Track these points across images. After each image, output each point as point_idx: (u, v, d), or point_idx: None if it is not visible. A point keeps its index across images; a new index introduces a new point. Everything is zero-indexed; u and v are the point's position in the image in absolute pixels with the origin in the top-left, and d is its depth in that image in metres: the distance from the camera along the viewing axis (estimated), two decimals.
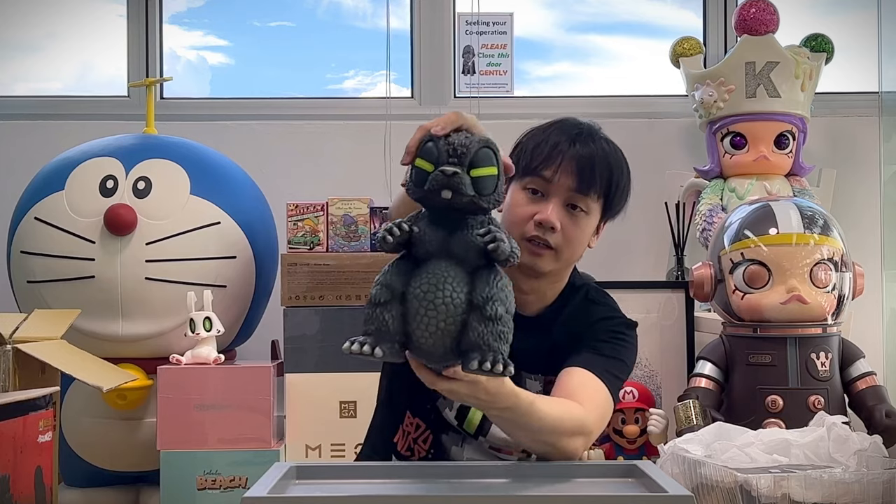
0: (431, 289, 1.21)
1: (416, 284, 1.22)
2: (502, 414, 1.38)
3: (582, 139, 1.62)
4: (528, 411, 1.38)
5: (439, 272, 1.22)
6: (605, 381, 1.58)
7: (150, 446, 2.61)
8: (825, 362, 2.44)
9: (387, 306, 1.22)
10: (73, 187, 2.73)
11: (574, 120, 1.67)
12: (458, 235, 1.23)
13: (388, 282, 1.23)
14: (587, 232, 1.66)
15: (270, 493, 1.22)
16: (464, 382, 1.27)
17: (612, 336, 1.65)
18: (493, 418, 1.42)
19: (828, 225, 2.53)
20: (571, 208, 1.62)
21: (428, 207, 1.27)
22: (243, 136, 3.43)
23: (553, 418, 1.42)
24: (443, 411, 1.66)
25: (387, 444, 1.71)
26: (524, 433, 1.43)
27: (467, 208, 1.24)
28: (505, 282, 1.24)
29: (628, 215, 1.74)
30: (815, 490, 1.92)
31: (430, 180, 1.23)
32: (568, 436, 1.45)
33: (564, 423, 1.44)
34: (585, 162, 1.61)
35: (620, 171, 1.66)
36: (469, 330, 1.20)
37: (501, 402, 1.34)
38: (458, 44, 3.52)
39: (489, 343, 1.20)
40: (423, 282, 1.22)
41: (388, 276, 1.24)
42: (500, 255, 1.20)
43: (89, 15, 3.68)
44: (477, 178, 1.23)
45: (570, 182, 1.60)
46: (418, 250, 1.25)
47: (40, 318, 2.31)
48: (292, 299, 2.73)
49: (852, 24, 3.59)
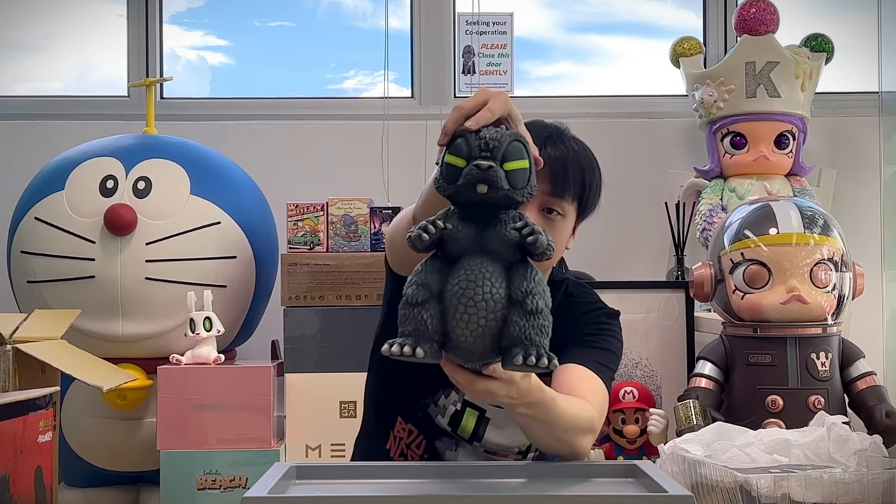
0: (471, 285, 1.19)
1: (454, 282, 1.19)
2: (528, 410, 1.36)
3: (552, 142, 1.59)
4: (551, 407, 1.38)
5: (477, 268, 1.20)
6: (599, 373, 1.57)
7: (150, 446, 2.61)
8: (825, 362, 2.44)
9: (425, 305, 1.19)
10: (73, 187, 2.73)
11: (541, 122, 1.63)
12: (492, 230, 1.22)
13: (424, 281, 1.20)
14: (565, 235, 1.63)
15: (270, 493, 1.22)
16: (502, 382, 1.26)
17: (597, 328, 1.64)
18: (517, 416, 1.41)
19: (828, 225, 2.53)
20: (547, 212, 1.60)
21: (459, 203, 1.25)
22: (243, 136, 3.43)
23: (571, 415, 1.42)
24: (435, 418, 1.66)
25: (377, 452, 1.70)
26: (543, 429, 1.42)
27: (501, 202, 1.23)
28: (540, 276, 1.23)
29: (628, 215, 1.73)
30: (815, 490, 1.92)
31: (465, 175, 1.21)
32: (581, 433, 1.45)
33: (580, 421, 1.44)
34: (558, 165, 1.58)
35: (592, 171, 1.64)
36: (510, 325, 1.19)
37: (530, 396, 1.33)
38: (458, 44, 3.52)
39: (531, 337, 1.18)
40: (462, 279, 1.20)
41: (423, 276, 1.21)
42: (538, 248, 1.19)
43: (89, 15, 3.68)
44: (509, 171, 1.22)
45: (545, 186, 1.57)
46: (451, 248, 1.22)
47: (40, 318, 2.31)
48: (292, 299, 2.73)
49: (852, 24, 3.59)
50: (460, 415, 1.64)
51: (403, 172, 3.27)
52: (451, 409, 1.65)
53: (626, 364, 2.84)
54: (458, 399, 1.64)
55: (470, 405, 1.64)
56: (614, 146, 3.33)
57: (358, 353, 2.00)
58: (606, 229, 1.76)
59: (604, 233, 1.76)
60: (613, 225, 3.20)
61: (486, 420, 1.64)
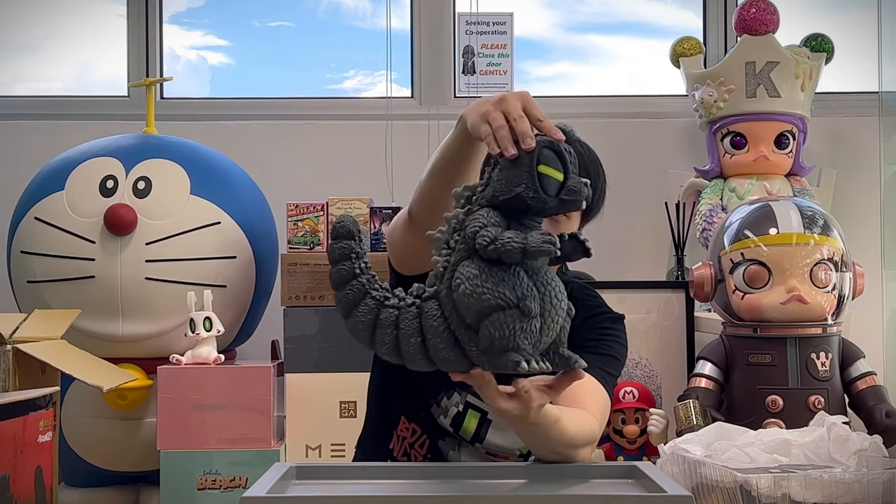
0: (559, 293, 1.20)
1: (546, 290, 1.19)
2: (531, 427, 1.35)
3: None
4: (552, 427, 1.37)
5: (550, 275, 1.21)
6: (602, 380, 1.57)
7: (150, 446, 2.61)
8: (825, 362, 2.45)
9: (537, 317, 1.19)
10: (73, 187, 2.73)
11: None
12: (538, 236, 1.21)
13: (531, 291, 1.18)
14: None
15: (269, 493, 1.22)
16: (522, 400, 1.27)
17: (601, 333, 1.64)
18: (518, 429, 1.41)
19: (828, 225, 2.53)
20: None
21: (514, 210, 1.22)
22: (243, 136, 3.43)
23: (572, 433, 1.42)
24: (437, 418, 1.66)
25: (380, 452, 1.70)
26: (543, 445, 1.42)
27: (549, 212, 1.23)
28: None
29: (628, 215, 1.73)
30: (815, 490, 1.92)
31: (572, 189, 1.21)
32: (581, 447, 1.45)
33: (580, 438, 1.44)
34: None
35: (597, 173, 1.64)
36: (565, 331, 1.23)
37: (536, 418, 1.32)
38: (458, 44, 3.52)
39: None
40: (553, 287, 1.20)
41: (525, 285, 1.18)
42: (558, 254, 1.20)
43: (89, 15, 3.68)
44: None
45: None
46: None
47: (40, 318, 2.31)
48: (292, 299, 2.73)
49: (852, 24, 3.59)
50: (462, 416, 1.64)
51: (403, 172, 3.27)
52: (453, 410, 1.65)
53: (627, 364, 2.81)
54: (461, 400, 1.65)
55: (472, 407, 1.65)
56: (614, 146, 3.31)
57: (358, 353, 1.99)
58: (606, 229, 1.75)
59: (604, 233, 1.74)
60: (613, 225, 3.17)
61: (488, 422, 1.64)
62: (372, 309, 1.24)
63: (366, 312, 1.24)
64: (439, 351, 1.21)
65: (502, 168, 1.22)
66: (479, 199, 1.23)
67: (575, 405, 1.48)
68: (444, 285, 1.21)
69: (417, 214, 1.51)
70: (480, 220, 1.20)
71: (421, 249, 1.48)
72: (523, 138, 1.20)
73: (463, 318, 1.20)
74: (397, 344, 1.23)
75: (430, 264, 1.24)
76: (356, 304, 1.25)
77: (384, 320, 1.23)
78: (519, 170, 1.21)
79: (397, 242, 1.62)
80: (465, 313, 1.19)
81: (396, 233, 1.60)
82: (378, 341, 1.24)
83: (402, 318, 1.23)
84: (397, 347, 1.23)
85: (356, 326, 1.25)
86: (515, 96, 1.26)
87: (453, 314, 1.20)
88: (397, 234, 1.60)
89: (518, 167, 1.21)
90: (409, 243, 1.56)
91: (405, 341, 1.22)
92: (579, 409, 1.49)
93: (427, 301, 1.22)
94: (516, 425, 1.37)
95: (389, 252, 1.67)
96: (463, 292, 1.18)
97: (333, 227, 1.28)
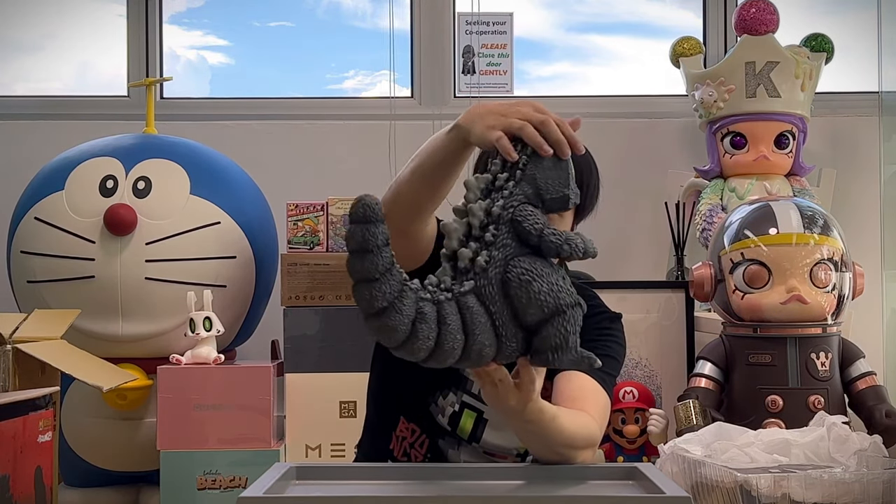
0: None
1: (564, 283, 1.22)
2: (526, 424, 1.37)
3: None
4: (549, 426, 1.38)
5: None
6: (601, 381, 1.57)
7: (150, 446, 2.61)
8: (825, 362, 2.44)
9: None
10: (73, 187, 2.73)
11: None
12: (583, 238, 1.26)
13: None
14: None
15: (267, 494, 1.22)
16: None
17: (599, 333, 1.64)
18: (515, 426, 1.41)
19: (828, 225, 2.53)
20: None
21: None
22: (243, 136, 3.43)
23: (571, 432, 1.42)
24: (436, 417, 1.66)
25: (380, 453, 1.70)
26: (540, 444, 1.42)
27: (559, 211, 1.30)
28: None
29: (628, 215, 1.73)
30: (815, 490, 1.92)
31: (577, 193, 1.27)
32: (580, 449, 1.45)
33: (579, 438, 1.44)
34: None
35: (590, 172, 1.64)
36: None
37: (529, 415, 1.34)
38: (458, 44, 3.52)
39: None
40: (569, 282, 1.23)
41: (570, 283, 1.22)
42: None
43: (89, 15, 3.68)
44: None
45: None
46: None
47: (40, 318, 2.31)
48: (292, 299, 2.73)
49: (852, 24, 3.59)
50: (459, 415, 1.65)
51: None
52: (449, 410, 1.65)
53: (626, 364, 2.83)
54: (457, 400, 1.65)
55: (468, 406, 1.65)
56: (614, 146, 3.33)
57: (358, 353, 2.00)
58: (606, 229, 1.76)
59: (604, 233, 1.74)
60: (613, 225, 3.20)
61: (485, 421, 1.64)
62: (414, 302, 1.15)
63: (409, 305, 1.14)
64: (483, 347, 1.19)
65: (543, 167, 1.24)
66: (515, 194, 1.22)
67: (575, 407, 1.48)
68: (485, 280, 1.19)
69: (392, 214, 1.51)
70: (540, 218, 1.21)
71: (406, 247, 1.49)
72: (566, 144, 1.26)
73: (514, 314, 1.19)
74: (440, 339, 1.16)
75: (408, 264, 1.23)
76: (398, 296, 1.13)
77: (428, 314, 1.15)
78: (563, 171, 1.25)
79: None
80: (526, 311, 1.18)
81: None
82: (420, 336, 1.15)
83: (448, 313, 1.16)
84: (439, 343, 1.16)
85: (393, 319, 1.13)
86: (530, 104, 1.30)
87: (503, 310, 1.19)
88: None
89: (559, 169, 1.24)
90: None
91: (451, 337, 1.16)
92: (579, 410, 1.49)
93: (466, 296, 1.18)
94: (514, 423, 1.37)
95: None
96: (537, 290, 1.17)
97: (353, 210, 1.13)
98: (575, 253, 1.19)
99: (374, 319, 1.14)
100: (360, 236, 1.12)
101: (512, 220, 1.20)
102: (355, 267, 1.12)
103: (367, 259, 1.12)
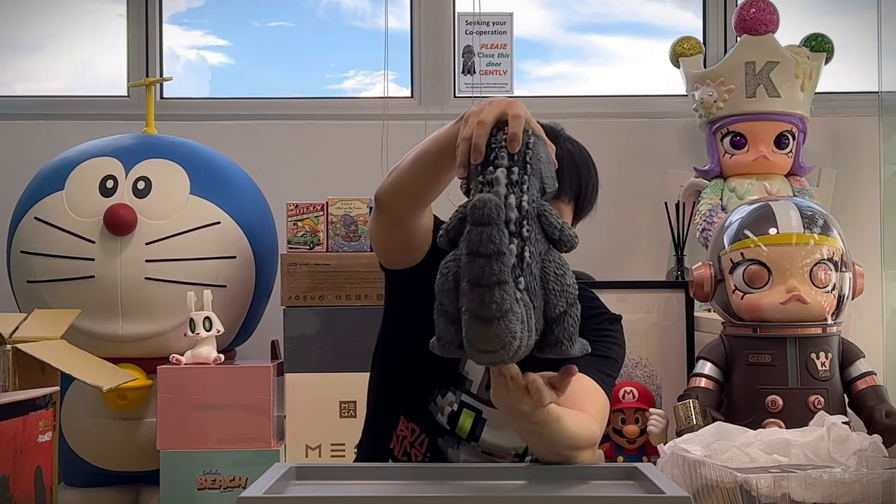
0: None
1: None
2: (530, 425, 1.37)
3: None
4: (553, 426, 1.38)
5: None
6: (601, 382, 1.58)
7: (150, 446, 2.61)
8: (825, 362, 2.45)
9: None
10: (72, 187, 2.73)
11: None
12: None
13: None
14: None
15: (266, 494, 1.22)
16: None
17: (599, 335, 1.63)
18: (518, 426, 1.42)
19: (828, 225, 2.53)
20: None
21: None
22: (243, 136, 3.43)
23: (573, 433, 1.42)
24: (435, 416, 1.66)
25: (380, 453, 1.70)
26: (542, 443, 1.43)
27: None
28: None
29: (628, 215, 1.73)
30: (815, 490, 1.92)
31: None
32: (581, 449, 1.45)
33: (580, 439, 1.45)
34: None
35: (588, 172, 1.64)
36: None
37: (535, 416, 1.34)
38: (458, 44, 3.52)
39: None
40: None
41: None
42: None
43: (89, 15, 3.68)
44: None
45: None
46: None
47: (40, 318, 2.31)
48: (292, 299, 2.73)
49: (852, 24, 3.59)
50: (457, 415, 1.65)
51: None
52: (448, 409, 1.65)
53: (626, 364, 2.83)
54: (455, 399, 1.65)
55: (467, 406, 1.65)
56: (614, 146, 3.33)
57: (358, 353, 2.00)
58: (606, 229, 1.76)
59: (604, 233, 1.75)
60: (613, 225, 3.20)
61: (483, 421, 1.65)
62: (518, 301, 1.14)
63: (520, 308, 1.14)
64: (529, 342, 1.20)
65: (541, 161, 1.27)
66: (530, 189, 1.23)
67: (575, 407, 1.48)
68: (530, 276, 1.18)
69: (390, 202, 1.52)
70: (556, 213, 1.25)
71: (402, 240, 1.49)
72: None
73: (544, 309, 1.21)
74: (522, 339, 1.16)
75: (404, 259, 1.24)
76: (515, 298, 1.13)
77: (520, 314, 1.15)
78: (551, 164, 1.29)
79: (373, 235, 1.64)
80: (556, 303, 1.20)
81: (371, 226, 1.61)
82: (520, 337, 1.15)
83: (527, 312, 1.17)
84: (518, 341, 1.15)
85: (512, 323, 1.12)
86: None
87: (540, 305, 1.20)
88: (372, 226, 1.61)
89: (550, 161, 1.29)
90: (382, 232, 1.58)
91: (527, 336, 1.17)
92: (579, 410, 1.49)
93: (524, 293, 1.17)
94: (519, 423, 1.37)
95: (374, 248, 1.69)
96: (569, 282, 1.22)
97: (478, 210, 1.08)
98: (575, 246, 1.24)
99: (495, 324, 1.11)
100: (498, 238, 1.09)
101: (539, 216, 1.22)
102: (487, 270, 1.09)
103: (501, 261, 1.09)
